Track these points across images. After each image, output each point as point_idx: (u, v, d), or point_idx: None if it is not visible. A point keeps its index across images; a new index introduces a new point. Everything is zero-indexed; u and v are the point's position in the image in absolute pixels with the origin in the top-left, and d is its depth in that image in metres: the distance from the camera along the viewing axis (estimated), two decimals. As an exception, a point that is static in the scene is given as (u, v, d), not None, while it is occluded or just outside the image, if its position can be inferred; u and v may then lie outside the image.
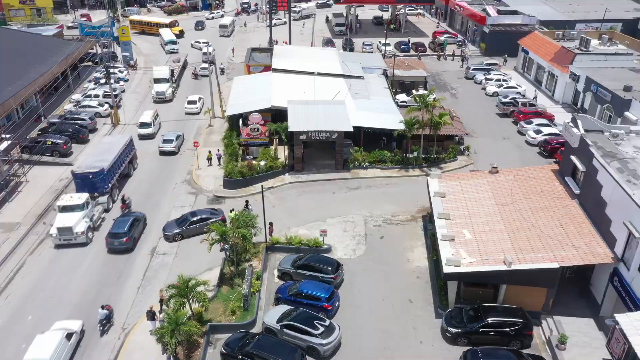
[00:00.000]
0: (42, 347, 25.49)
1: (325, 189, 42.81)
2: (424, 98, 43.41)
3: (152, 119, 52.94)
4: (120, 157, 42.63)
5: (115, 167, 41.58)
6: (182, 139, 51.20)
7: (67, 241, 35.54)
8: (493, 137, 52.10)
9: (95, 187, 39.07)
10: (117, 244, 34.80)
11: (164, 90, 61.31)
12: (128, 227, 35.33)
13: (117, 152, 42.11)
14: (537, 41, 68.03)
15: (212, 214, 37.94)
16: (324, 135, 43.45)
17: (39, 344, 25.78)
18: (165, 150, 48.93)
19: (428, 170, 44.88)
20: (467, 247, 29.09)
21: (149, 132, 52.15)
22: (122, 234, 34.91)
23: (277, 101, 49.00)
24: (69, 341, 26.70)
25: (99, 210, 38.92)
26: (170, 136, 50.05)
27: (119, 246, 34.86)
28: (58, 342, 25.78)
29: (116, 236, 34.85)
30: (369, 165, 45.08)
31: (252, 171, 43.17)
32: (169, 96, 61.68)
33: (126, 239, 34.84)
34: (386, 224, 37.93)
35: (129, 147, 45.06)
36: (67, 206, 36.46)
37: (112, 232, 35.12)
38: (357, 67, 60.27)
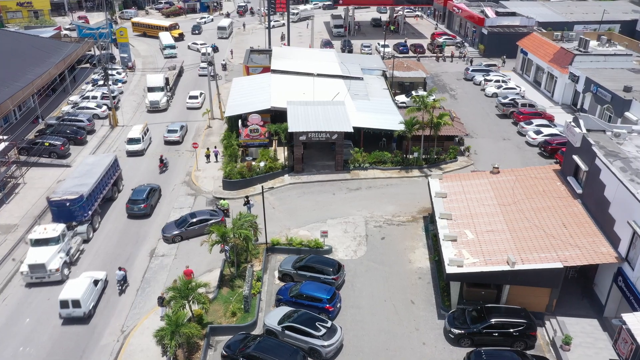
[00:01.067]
0: (73, 288, 29.23)
1: (325, 190, 42.56)
2: (424, 99, 43.24)
3: (141, 134, 48.93)
4: (103, 180, 38.83)
5: (97, 192, 37.74)
6: (185, 129, 53.69)
7: (40, 279, 31.70)
8: (493, 138, 51.95)
9: (73, 216, 35.30)
10: (136, 209, 38.75)
11: (158, 100, 58.33)
12: (146, 195, 39.26)
13: (99, 174, 38.06)
14: (536, 42, 68.02)
15: (212, 215, 37.64)
16: (324, 136, 43.23)
17: (70, 286, 29.52)
18: (170, 139, 51.29)
19: (428, 171, 44.67)
20: (470, 248, 28.84)
21: (138, 149, 48.28)
22: (141, 200, 38.82)
23: (277, 102, 48.78)
24: (95, 286, 30.43)
25: (77, 242, 34.80)
26: (174, 126, 52.42)
27: (138, 211, 38.83)
28: (87, 285, 29.56)
29: (135, 202, 38.80)
30: (369, 166, 44.86)
31: (251, 172, 42.89)
32: (163, 105, 58.83)
33: (144, 205, 38.82)
34: (387, 224, 37.67)
35: (113, 167, 41.06)
36: (40, 239, 32.40)
37: (131, 199, 39.07)
38: (356, 68, 60.10)
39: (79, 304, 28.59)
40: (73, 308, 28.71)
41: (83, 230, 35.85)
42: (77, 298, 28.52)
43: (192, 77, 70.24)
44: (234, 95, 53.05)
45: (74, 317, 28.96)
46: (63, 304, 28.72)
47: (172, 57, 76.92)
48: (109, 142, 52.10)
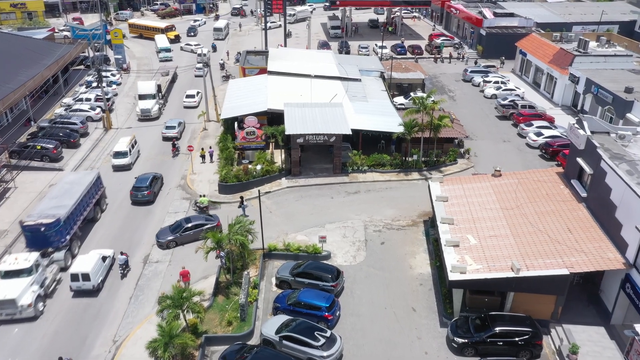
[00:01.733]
0: (83, 263, 30.85)
1: (324, 193, 41.72)
2: (423, 100, 42.48)
3: (128, 147, 45.78)
4: (84, 200, 35.63)
5: (77, 214, 34.38)
6: (183, 126, 54.01)
7: (10, 316, 28.51)
8: (493, 140, 51.24)
9: (48, 242, 32.02)
10: (140, 196, 39.88)
11: (149, 108, 55.61)
12: (149, 182, 40.45)
13: (79, 194, 34.86)
14: (535, 43, 67.43)
15: (207, 220, 36.72)
16: (322, 139, 42.40)
17: (80, 261, 31.17)
18: (169, 135, 51.31)
19: (428, 173, 43.90)
20: (473, 253, 28.04)
21: (125, 163, 45.30)
22: (144, 187, 40.01)
23: (273, 104, 47.94)
24: (103, 262, 32.05)
25: (53, 271, 31.55)
26: (172, 123, 52.68)
27: (142, 198, 39.95)
28: (96, 261, 31.16)
29: (139, 190, 39.99)
30: (367, 169, 44.05)
31: (248, 176, 42.01)
32: (155, 114, 56.10)
33: (148, 192, 39.98)
34: (387, 229, 36.85)
35: (96, 186, 37.87)
36: (10, 271, 29.27)
37: (135, 187, 40.25)
38: (354, 69, 59.34)
39: (89, 277, 30.24)
40: (83, 281, 30.37)
41: (60, 258, 32.41)
42: (86, 271, 30.22)
43: (188, 78, 69.23)
44: (230, 97, 52.18)
45: (83, 289, 30.73)
46: (73, 277, 30.36)
47: (168, 60, 75.64)
48: (103, 145, 51.11)
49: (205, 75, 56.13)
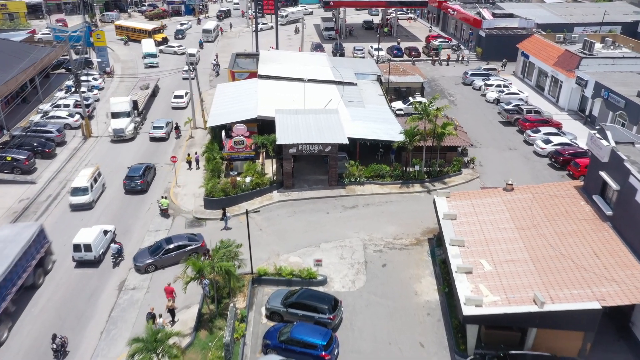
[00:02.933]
0: (85, 234, 32.19)
1: (318, 208, 38.41)
2: (426, 106, 39.29)
3: (89, 182, 38.32)
4: (19, 264, 28.23)
5: (8, 283, 27.11)
6: (172, 126, 51.51)
7: None
8: (498, 148, 48.17)
9: None
10: (133, 185, 39.95)
11: (122, 127, 48.90)
12: (142, 172, 40.59)
13: (13, 257, 27.72)
14: (538, 45, 64.56)
15: (191, 240, 33.29)
16: (316, 148, 39.12)
17: (83, 233, 32.44)
18: (156, 136, 49.53)
19: (431, 185, 40.74)
20: (488, 282, 24.84)
21: (84, 202, 38.08)
22: (137, 177, 40.08)
23: (264, 110, 44.59)
24: (105, 236, 33.35)
25: None
26: (160, 122, 50.53)
27: (135, 187, 40.05)
28: (98, 233, 32.50)
29: (132, 179, 40.00)
30: (366, 181, 40.79)
31: (236, 189, 38.62)
32: (129, 134, 49.42)
33: (141, 181, 40.09)
34: (388, 249, 33.59)
35: (37, 242, 30.56)
36: None
37: (128, 176, 40.27)
38: (349, 72, 56.20)
39: (90, 248, 31.48)
40: (85, 252, 31.59)
41: None
42: (88, 242, 31.47)
43: (176, 81, 65.61)
44: (217, 103, 48.80)
45: (85, 260, 31.92)
46: (76, 248, 31.59)
47: (153, 66, 70.65)
48: (81, 155, 47.54)
49: (192, 77, 52.59)
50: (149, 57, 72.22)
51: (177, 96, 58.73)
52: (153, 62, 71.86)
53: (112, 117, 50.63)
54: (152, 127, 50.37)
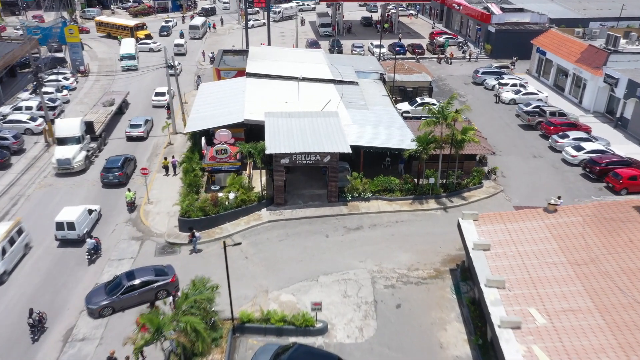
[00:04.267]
0: (69, 213, 30.93)
1: (316, 229, 32.18)
2: (443, 109, 33.12)
3: (1, 245, 27.90)
4: None
5: None
6: (151, 124, 47.07)
7: None
8: (520, 155, 42.12)
9: None
10: (111, 177, 37.06)
11: (69, 158, 38.34)
12: (121, 163, 37.61)
13: None
14: (557, 40, 58.63)
15: (159, 274, 26.94)
16: (313, 158, 32.93)
17: (66, 211, 31.20)
18: (133, 135, 44.83)
19: (448, 201, 34.63)
20: (545, 342, 18.66)
21: None
22: (116, 168, 37.15)
23: (252, 114, 38.32)
24: (89, 215, 32.12)
25: None
26: (138, 120, 45.93)
27: (114, 180, 37.11)
28: (82, 212, 31.20)
29: (110, 171, 37.14)
30: (371, 196, 34.61)
31: (217, 207, 32.33)
32: (78, 165, 38.96)
33: (120, 173, 37.16)
34: (402, 283, 27.38)
35: None
36: None
37: (106, 167, 37.45)
38: (349, 70, 50.06)
39: (74, 226, 30.28)
40: (68, 230, 30.35)
41: None
42: (71, 220, 30.25)
43: (158, 78, 59.02)
44: (199, 105, 42.48)
45: (68, 239, 30.64)
46: (59, 226, 30.35)
47: (131, 69, 62.38)
48: (41, 165, 41.08)
49: (177, 71, 46.19)
50: (126, 59, 63.51)
51: (159, 93, 53.05)
52: (131, 64, 63.01)
53: (57, 144, 40.03)
54: (129, 125, 45.37)
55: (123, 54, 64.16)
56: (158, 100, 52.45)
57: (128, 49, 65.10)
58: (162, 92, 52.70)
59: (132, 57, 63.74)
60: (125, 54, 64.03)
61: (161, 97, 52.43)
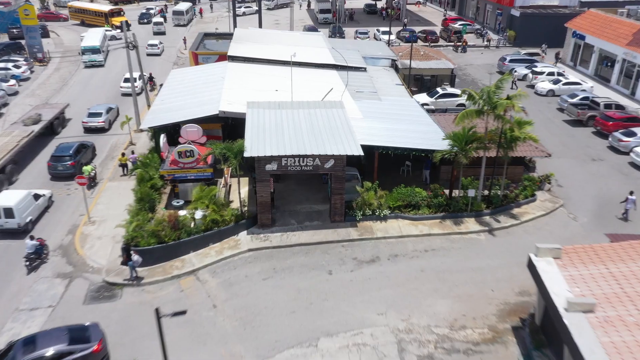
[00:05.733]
0: (7, 197, 25.81)
1: (315, 262, 23.13)
2: (490, 94, 24.01)
3: None
4: None
5: None
6: (115, 114, 39.46)
7: None
8: (574, 158, 33.15)
9: None
10: (61, 168, 30.55)
11: None
12: (74, 151, 31.24)
13: None
14: (599, 21, 49.66)
15: (75, 339, 17.80)
16: (311, 163, 23.92)
17: (5, 195, 26.26)
18: (91, 126, 37.20)
19: (494, 220, 25.65)
20: None
21: None
22: (67, 157, 30.73)
23: (231, 104, 29.27)
24: (36, 201, 26.67)
25: None
26: (98, 109, 38.28)
27: (64, 171, 30.49)
28: (24, 196, 25.89)
29: (60, 160, 30.63)
30: (389, 214, 25.56)
31: (178, 231, 23.26)
32: None
33: (71, 163, 30.57)
34: (444, 351, 18.30)
35: None
36: None
37: (55, 156, 30.98)
38: (355, 55, 41.19)
39: (12, 213, 24.93)
40: (5, 218, 25.06)
41: None
42: (9, 206, 24.91)
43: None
44: (165, 94, 33.44)
45: (6, 229, 25.17)
46: None
47: (96, 65, 51.97)
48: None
49: (160, 50, 37.26)
50: (88, 52, 51.77)
51: (128, 79, 43.61)
52: (95, 59, 51.82)
53: None
54: (88, 114, 37.85)
55: (85, 46, 52.34)
56: (127, 88, 43.30)
57: (92, 40, 53.71)
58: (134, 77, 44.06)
59: (97, 51, 52.13)
60: (88, 46, 52.27)
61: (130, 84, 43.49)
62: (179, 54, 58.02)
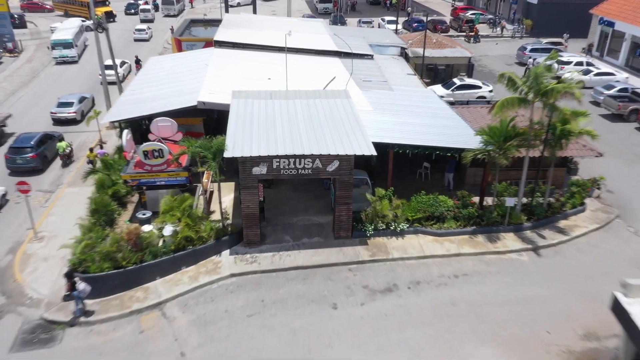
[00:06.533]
0: None
1: (315, 292, 18.09)
2: (539, 78, 18.87)
3: None
4: None
5: None
6: (90, 104, 34.74)
7: None
8: (620, 157, 28.14)
9: None
10: (20, 161, 26.27)
11: None
12: (36, 142, 26.89)
13: None
14: (632, 5, 44.59)
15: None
16: (310, 166, 18.89)
17: None
18: (61, 117, 32.55)
19: (537, 236, 20.62)
20: None
21: None
22: (29, 148, 26.48)
23: (213, 94, 24.22)
24: None
25: None
26: (70, 98, 33.76)
27: (24, 164, 26.31)
28: None
29: (20, 152, 26.33)
30: (408, 228, 20.52)
31: (140, 252, 18.22)
32: None
33: (33, 155, 26.30)
34: None
35: None
36: None
37: (13, 147, 26.65)
38: (360, 42, 36.22)
39: None
40: None
41: None
42: None
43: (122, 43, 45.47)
44: (137, 83, 28.32)
45: None
46: None
47: (68, 61, 45.24)
48: None
49: (148, 35, 32.30)
50: (59, 47, 44.70)
51: (109, 66, 39.04)
52: (66, 55, 45.00)
53: None
54: (57, 104, 33.29)
55: (56, 40, 45.28)
56: (108, 76, 38.49)
57: (63, 33, 47.19)
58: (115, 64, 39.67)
59: (69, 45, 45.15)
60: (59, 40, 45.18)
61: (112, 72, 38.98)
62: (165, 44, 52.95)
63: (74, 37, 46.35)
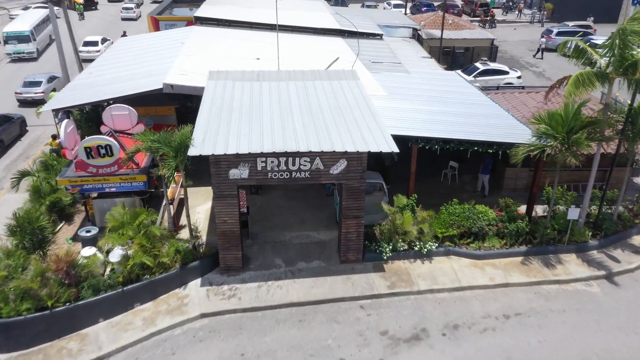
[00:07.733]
0: None
1: (314, 341, 13.10)
2: (627, 46, 13.76)
3: None
4: None
5: None
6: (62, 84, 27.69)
7: None
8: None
9: None
10: None
11: None
12: None
13: None
14: (671, -18, 39.70)
15: None
16: (307, 167, 13.87)
17: None
18: (27, 98, 29.31)
19: (606, 257, 15.64)
20: None
21: None
22: None
23: (184, 74, 19.20)
24: None
25: None
26: (38, 77, 30.39)
27: None
28: None
29: None
30: (437, 248, 15.53)
31: (73, 287, 13.22)
32: None
33: None
34: None
35: None
36: None
37: None
38: (366, 21, 31.34)
39: None
40: None
41: None
42: None
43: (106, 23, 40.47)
44: (96, 65, 23.29)
45: None
46: None
47: (25, 58, 38.31)
48: None
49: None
50: (13, 41, 38.01)
51: (90, 43, 37.83)
52: (21, 50, 38.17)
53: None
54: (23, 84, 30.05)
55: (9, 32, 38.22)
56: (88, 52, 36.20)
57: (20, 24, 39.71)
58: (95, 40, 38.00)
59: (25, 39, 38.22)
60: (13, 32, 38.18)
61: (93, 48, 36.96)
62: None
63: (32, 29, 39.05)
